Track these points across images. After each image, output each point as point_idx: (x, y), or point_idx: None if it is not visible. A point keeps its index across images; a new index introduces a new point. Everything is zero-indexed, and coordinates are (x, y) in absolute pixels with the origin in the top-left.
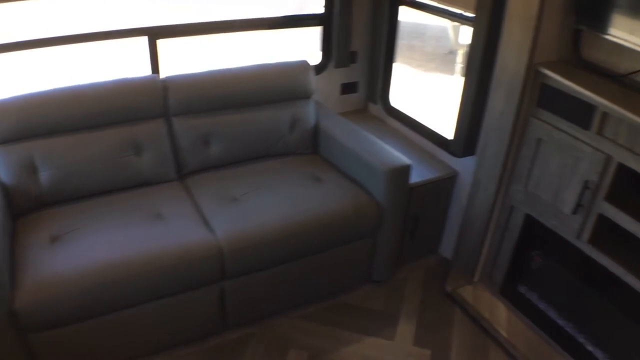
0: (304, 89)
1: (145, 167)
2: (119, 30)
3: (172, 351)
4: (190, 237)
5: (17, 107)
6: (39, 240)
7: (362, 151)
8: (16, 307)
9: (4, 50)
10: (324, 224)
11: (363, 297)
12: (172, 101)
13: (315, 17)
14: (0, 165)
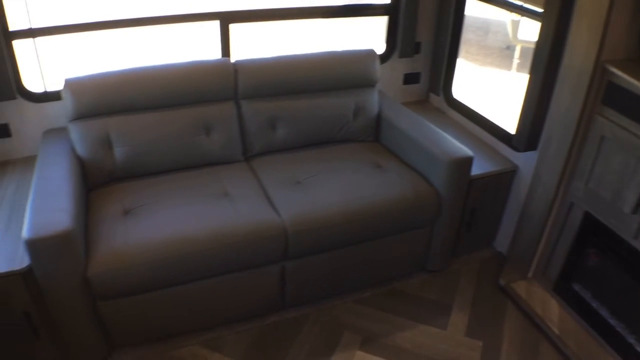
0: (369, 77)
1: (214, 147)
2: (193, 14)
3: (232, 326)
4: (256, 217)
5: (96, 84)
6: (112, 213)
7: (424, 141)
8: (88, 275)
9: (85, 29)
10: (385, 211)
11: (417, 286)
12: (241, 84)
13: (381, 7)
14: (78, 139)
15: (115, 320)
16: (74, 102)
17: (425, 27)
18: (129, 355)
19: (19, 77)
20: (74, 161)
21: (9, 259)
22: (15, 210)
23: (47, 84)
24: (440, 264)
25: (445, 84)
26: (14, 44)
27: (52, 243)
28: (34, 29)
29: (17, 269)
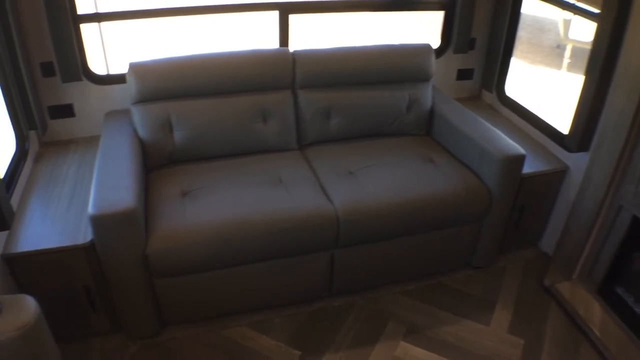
0: (424, 71)
1: (270, 135)
2: (254, 3)
3: (280, 310)
4: (310, 204)
5: (159, 69)
6: (170, 194)
7: (477, 137)
8: (147, 252)
9: (148, 16)
10: (435, 205)
11: (463, 281)
12: (299, 74)
13: (438, 1)
14: (140, 121)
15: (169, 298)
16: (138, 86)
17: (481, 24)
18: (180, 332)
19: (85, 59)
20: (136, 142)
21: (72, 233)
22: (78, 187)
23: (110, 67)
24: (486, 260)
25: (498, 81)
26: (81, 27)
27: (115, 220)
28: (100, 14)
29: (80, 244)
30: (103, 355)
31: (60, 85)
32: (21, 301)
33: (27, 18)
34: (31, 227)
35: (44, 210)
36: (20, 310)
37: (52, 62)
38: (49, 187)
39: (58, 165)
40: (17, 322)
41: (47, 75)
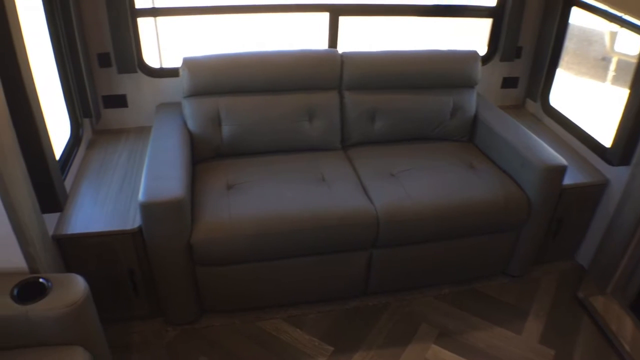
0: (470, 78)
1: (315, 134)
2: (305, 4)
3: (315, 305)
4: (351, 203)
5: (211, 65)
6: (216, 186)
7: (520, 146)
8: (192, 241)
9: (202, 12)
10: (475, 211)
11: (496, 289)
12: (346, 75)
13: (486, 9)
14: (190, 115)
15: (209, 286)
16: (190, 80)
17: (528, 32)
18: (217, 320)
19: (140, 52)
20: (185, 135)
21: (121, 219)
22: (128, 176)
23: (163, 61)
24: (521, 269)
25: (543, 91)
26: (138, 21)
27: (164, 208)
28: (157, 8)
29: (128, 229)
30: (142, 338)
31: (116, 76)
32: (71, 280)
33: (87, 10)
34: (82, 211)
35: (95, 195)
36: (70, 289)
37: (109, 53)
38: (100, 173)
39: (109, 153)
40: (66, 300)
41: (103, 66)
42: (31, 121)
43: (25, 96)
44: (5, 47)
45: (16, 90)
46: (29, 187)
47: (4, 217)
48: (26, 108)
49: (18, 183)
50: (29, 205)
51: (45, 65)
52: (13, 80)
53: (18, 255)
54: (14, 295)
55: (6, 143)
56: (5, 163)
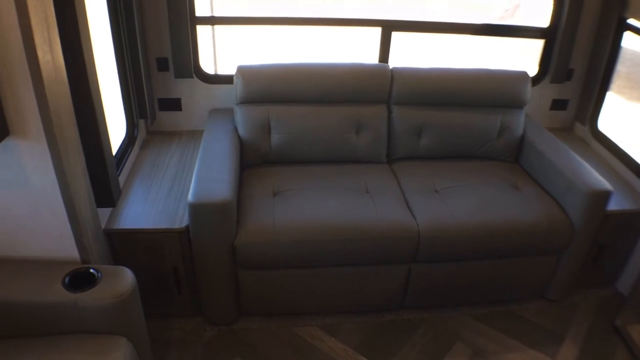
0: (519, 98)
1: (361, 146)
2: (358, 19)
3: (351, 315)
4: (393, 217)
5: (265, 73)
6: (262, 192)
7: (565, 168)
8: (236, 243)
9: (258, 23)
10: (517, 232)
11: (534, 311)
12: (395, 90)
13: (539, 30)
14: (241, 121)
15: (249, 289)
16: (243, 87)
17: (580, 55)
18: (254, 323)
19: (197, 58)
20: (235, 140)
21: (169, 218)
22: (178, 177)
23: (218, 68)
24: (560, 294)
25: (592, 115)
26: (197, 28)
27: (211, 209)
28: (215, 17)
29: (176, 228)
30: (181, 335)
31: (172, 80)
32: (120, 272)
33: (149, 16)
34: (133, 207)
35: (146, 193)
36: (118, 280)
37: (167, 58)
38: (152, 172)
39: (162, 154)
40: (114, 291)
41: (161, 70)
42: (93, 119)
43: (89, 96)
44: (74, 49)
45: (81, 90)
46: (87, 182)
47: (61, 209)
48: (89, 107)
49: (78, 177)
50: (85, 198)
51: (106, 66)
52: (79, 80)
53: (72, 246)
54: (65, 283)
55: (70, 139)
56: (67, 158)
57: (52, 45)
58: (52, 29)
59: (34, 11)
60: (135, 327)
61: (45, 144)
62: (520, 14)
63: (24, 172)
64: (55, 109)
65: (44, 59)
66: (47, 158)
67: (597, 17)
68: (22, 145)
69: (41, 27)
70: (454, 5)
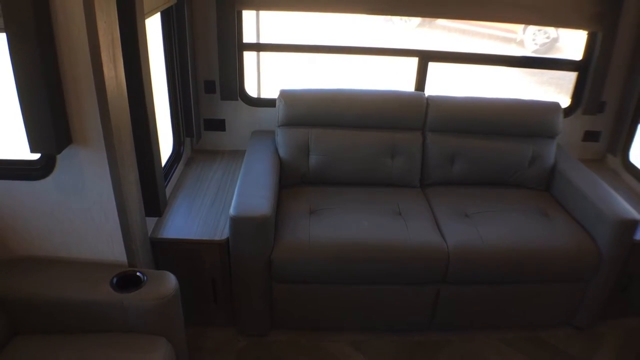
0: (551, 129)
1: (396, 171)
2: (397, 49)
3: (380, 334)
4: (424, 238)
5: (306, 98)
6: (299, 210)
7: (594, 197)
8: (272, 257)
9: (301, 50)
10: (544, 258)
11: (561, 338)
12: (430, 118)
13: (572, 62)
14: (282, 142)
15: (283, 303)
16: (285, 110)
17: (613, 87)
18: (285, 336)
19: (243, 82)
20: (275, 160)
21: (211, 230)
22: (220, 192)
23: (262, 91)
24: (587, 322)
25: (624, 146)
26: (244, 54)
27: (251, 223)
28: (261, 44)
29: (217, 239)
30: (214, 344)
31: (218, 102)
32: (164, 276)
33: (200, 42)
34: (177, 218)
35: (189, 206)
36: (162, 284)
37: (215, 81)
38: (196, 187)
39: (205, 171)
40: (158, 293)
41: (208, 92)
42: (147, 134)
43: (145, 112)
44: (134, 68)
45: (139, 106)
46: (139, 192)
47: (114, 215)
48: (145, 122)
49: (131, 186)
50: (136, 207)
51: (158, 87)
52: (137, 97)
53: (121, 250)
54: (113, 284)
55: (126, 150)
56: (123, 167)
57: (116, 63)
58: (117, 48)
59: (102, 32)
60: (175, 329)
61: (104, 152)
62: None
63: (83, 178)
64: (115, 121)
65: (108, 74)
66: (104, 166)
67: (630, 50)
68: (83, 153)
69: (108, 46)
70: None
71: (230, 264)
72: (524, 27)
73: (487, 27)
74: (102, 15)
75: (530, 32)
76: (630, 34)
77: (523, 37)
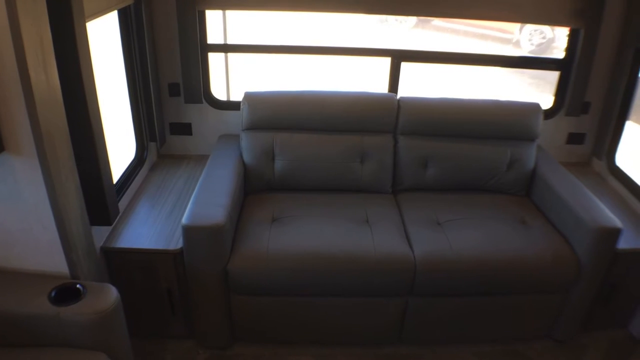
0: (530, 131)
1: (366, 176)
2: (368, 48)
3: (347, 347)
4: (390, 248)
5: (271, 100)
6: (261, 218)
7: (574, 203)
8: (229, 267)
9: (269, 51)
10: (519, 267)
11: (539, 352)
12: (402, 120)
13: (554, 61)
14: (246, 147)
15: (243, 315)
16: (249, 114)
17: (597, 88)
18: (247, 349)
19: (208, 84)
20: (239, 166)
21: (166, 239)
22: (181, 199)
23: (231, 94)
24: (567, 334)
25: (609, 150)
26: (209, 55)
27: (204, 233)
28: (227, 45)
29: (171, 249)
30: (174, 357)
31: (183, 105)
32: (104, 289)
33: (161, 43)
34: (132, 227)
35: (147, 213)
36: (102, 297)
37: (179, 83)
38: (157, 194)
39: (169, 177)
40: (96, 307)
41: (173, 95)
42: (90, 139)
43: (87, 117)
44: (73, 72)
45: (79, 111)
46: (80, 200)
47: (52, 224)
48: (87, 127)
49: (70, 194)
50: (77, 216)
51: (119, 90)
52: (77, 102)
53: (61, 261)
54: (51, 296)
55: (62, 157)
56: (59, 175)
57: (47, 67)
58: (47, 51)
59: (28, 34)
60: (117, 344)
61: (36, 160)
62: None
63: (17, 187)
64: (47, 128)
65: (37, 79)
66: (38, 174)
67: (614, 48)
68: (16, 161)
69: (35, 50)
70: (487, 39)
71: (186, 274)
72: (520, 28)
73: (483, 28)
74: (27, 17)
75: (527, 32)
76: (614, 30)
77: (519, 37)
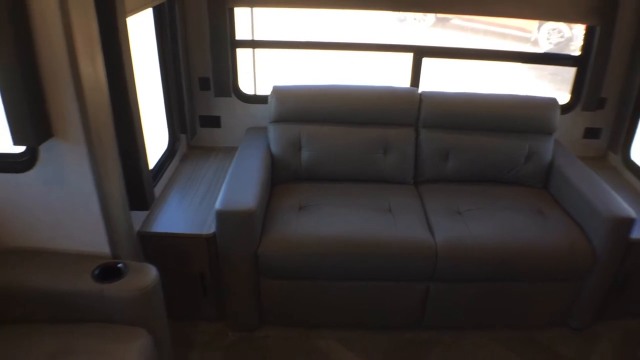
0: (547, 125)
1: (388, 167)
2: (392, 44)
3: (369, 331)
4: (412, 234)
5: (298, 94)
6: (289, 205)
7: (590, 194)
8: (259, 252)
9: (296, 47)
10: (536, 256)
11: (555, 339)
12: (424, 113)
13: (571, 58)
14: (274, 139)
15: (271, 298)
16: (277, 107)
17: (613, 83)
18: (275, 332)
19: (236, 79)
20: (267, 157)
21: (199, 224)
22: (211, 188)
23: (258, 88)
24: (583, 322)
25: (624, 144)
26: (237, 51)
27: (236, 217)
28: (255, 41)
29: (204, 233)
30: (204, 338)
31: (213, 98)
32: (145, 268)
33: (193, 39)
34: (167, 213)
35: (180, 201)
36: (142, 276)
37: (209, 78)
38: (188, 183)
39: (199, 167)
40: (137, 284)
41: (203, 89)
42: (131, 128)
43: (128, 107)
44: (116, 64)
45: (121, 102)
46: (122, 185)
47: (96, 207)
48: (128, 117)
49: (113, 180)
50: (118, 200)
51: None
52: (119, 93)
53: (104, 242)
54: (95, 274)
55: (107, 144)
56: (104, 161)
57: (95, 60)
58: (95, 45)
59: (78, 28)
60: (156, 321)
61: (84, 147)
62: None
63: (65, 172)
64: (94, 116)
65: (85, 71)
66: (85, 160)
67: (629, 45)
68: (64, 147)
69: (85, 44)
70: (506, 38)
71: (218, 258)
72: (538, 26)
73: (502, 27)
74: (77, 13)
75: (545, 31)
76: (629, 27)
77: (538, 36)
